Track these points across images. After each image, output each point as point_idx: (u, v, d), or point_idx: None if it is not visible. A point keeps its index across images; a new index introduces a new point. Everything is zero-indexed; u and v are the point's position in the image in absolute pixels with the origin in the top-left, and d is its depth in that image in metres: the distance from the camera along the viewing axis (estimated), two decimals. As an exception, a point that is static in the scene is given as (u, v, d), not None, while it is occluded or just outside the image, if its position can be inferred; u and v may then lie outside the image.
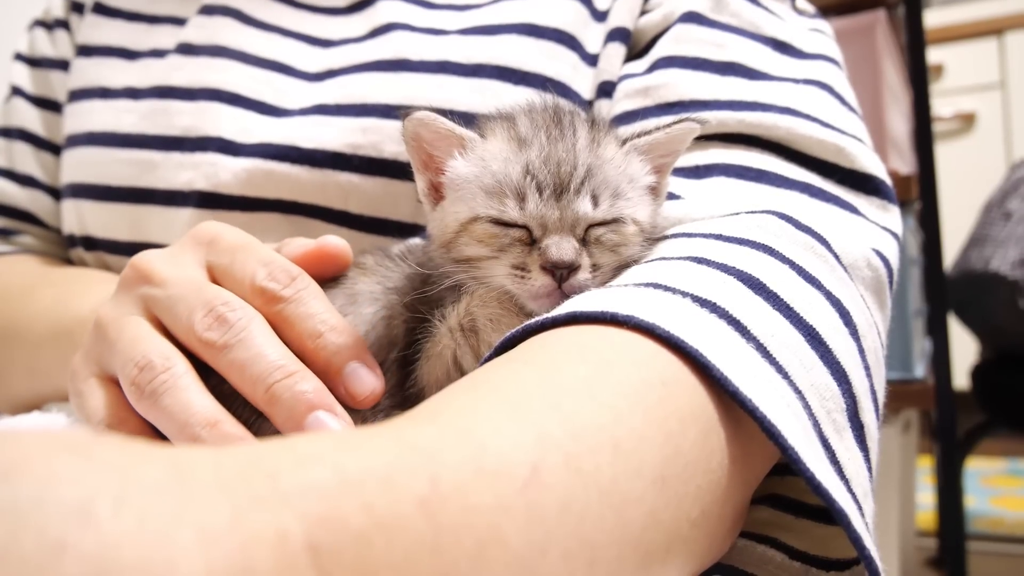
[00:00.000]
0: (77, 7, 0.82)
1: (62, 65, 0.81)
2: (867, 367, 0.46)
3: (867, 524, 0.40)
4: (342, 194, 0.65)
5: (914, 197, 1.54)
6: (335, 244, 0.52)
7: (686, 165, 0.57)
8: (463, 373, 0.46)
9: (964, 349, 2.08)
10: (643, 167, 0.50)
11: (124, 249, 0.72)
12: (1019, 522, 2.24)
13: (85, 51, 0.78)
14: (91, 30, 0.79)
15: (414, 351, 0.49)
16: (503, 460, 0.28)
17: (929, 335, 1.60)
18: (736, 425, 0.38)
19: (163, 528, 0.19)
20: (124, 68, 0.75)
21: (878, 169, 0.58)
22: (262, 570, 0.20)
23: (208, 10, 0.76)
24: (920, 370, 1.46)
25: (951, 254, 1.82)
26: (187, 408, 0.43)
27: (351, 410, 0.46)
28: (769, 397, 0.37)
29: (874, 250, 0.53)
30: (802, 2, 0.70)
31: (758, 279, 0.44)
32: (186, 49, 0.74)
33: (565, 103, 0.53)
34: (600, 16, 0.68)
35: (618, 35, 0.67)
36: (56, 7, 0.84)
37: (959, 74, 3.33)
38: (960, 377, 1.79)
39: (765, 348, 0.40)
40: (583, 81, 0.66)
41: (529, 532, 0.27)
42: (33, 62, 0.83)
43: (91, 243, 0.74)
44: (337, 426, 0.44)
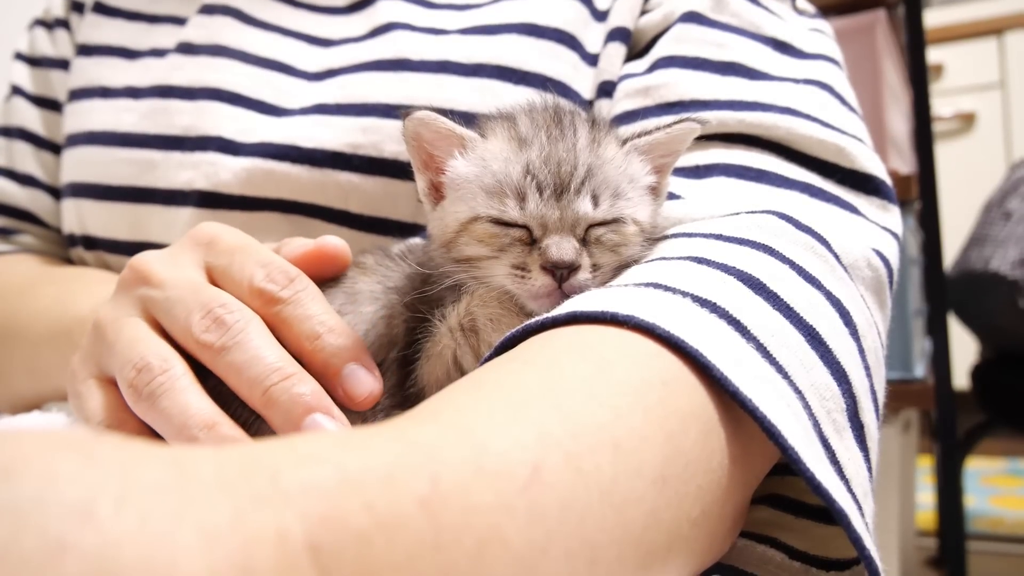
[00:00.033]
0: (77, 6, 0.82)
1: (62, 64, 0.81)
2: (867, 367, 0.46)
3: (867, 524, 0.40)
4: (342, 194, 0.65)
5: (914, 197, 1.54)
6: (334, 244, 0.52)
7: (686, 165, 0.57)
8: (463, 373, 0.46)
9: (964, 349, 2.08)
10: (643, 167, 0.50)
11: (124, 248, 0.72)
12: (1019, 522, 2.24)
13: (85, 50, 0.78)
14: (91, 29, 0.79)
15: (414, 351, 0.49)
16: (504, 460, 0.28)
17: (929, 335, 1.60)
18: (736, 425, 0.38)
19: (164, 527, 0.19)
20: (124, 67, 0.75)
21: (878, 169, 0.58)
22: (263, 569, 0.20)
23: (208, 9, 0.76)
24: (920, 370, 1.46)
25: (951, 254, 1.82)
26: (185, 410, 0.43)
27: (350, 411, 0.46)
28: (769, 397, 0.37)
29: (874, 250, 0.53)
30: (802, 2, 0.70)
31: (758, 279, 0.44)
32: (186, 48, 0.74)
33: (565, 103, 0.53)
34: (600, 16, 0.68)
35: (618, 35, 0.67)
36: (56, 6, 0.84)
37: (959, 74, 3.33)
38: (960, 377, 1.79)
39: (765, 348, 0.40)
40: (583, 81, 0.66)
41: (530, 531, 0.27)
42: (33, 61, 0.83)
43: (91, 242, 0.74)
44: (334, 429, 0.44)
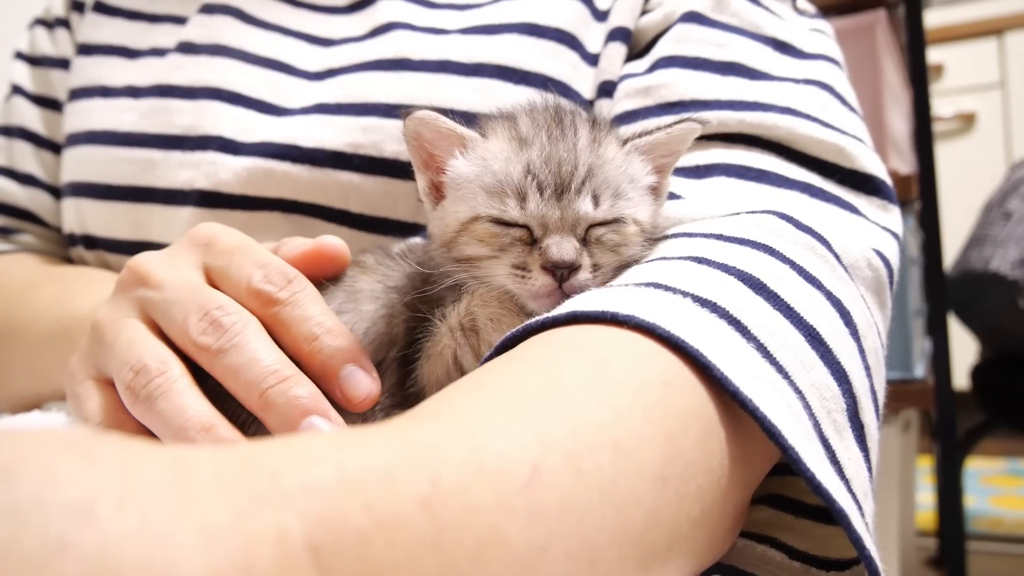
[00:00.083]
0: (78, 6, 0.82)
1: (62, 64, 0.81)
2: (867, 367, 0.46)
3: (867, 524, 0.40)
4: (342, 193, 0.65)
5: (914, 197, 1.54)
6: (333, 244, 0.52)
7: (687, 165, 0.57)
8: (463, 372, 0.46)
9: (964, 349, 2.08)
10: (644, 167, 0.50)
11: (124, 248, 0.72)
12: (1019, 522, 2.24)
13: (85, 50, 0.78)
14: (92, 29, 0.79)
15: (414, 350, 0.49)
16: (504, 459, 0.28)
17: (929, 335, 1.60)
18: (736, 425, 0.38)
19: (164, 527, 0.19)
20: (124, 67, 0.75)
21: (878, 169, 0.58)
22: (263, 569, 0.20)
23: (209, 9, 0.76)
24: (920, 370, 1.47)
25: (951, 254, 1.82)
26: (182, 412, 0.43)
27: (349, 412, 0.46)
28: (769, 397, 0.37)
29: (874, 250, 0.53)
30: (803, 2, 0.70)
31: (758, 279, 0.44)
32: (187, 48, 0.74)
33: (566, 103, 0.53)
34: (601, 16, 0.68)
35: (619, 35, 0.67)
36: (57, 6, 0.84)
37: (959, 74, 3.33)
38: (960, 377, 1.79)
39: (765, 348, 0.40)
40: (584, 81, 0.66)
41: (530, 531, 0.27)
42: (33, 61, 0.83)
43: (91, 242, 0.74)
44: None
